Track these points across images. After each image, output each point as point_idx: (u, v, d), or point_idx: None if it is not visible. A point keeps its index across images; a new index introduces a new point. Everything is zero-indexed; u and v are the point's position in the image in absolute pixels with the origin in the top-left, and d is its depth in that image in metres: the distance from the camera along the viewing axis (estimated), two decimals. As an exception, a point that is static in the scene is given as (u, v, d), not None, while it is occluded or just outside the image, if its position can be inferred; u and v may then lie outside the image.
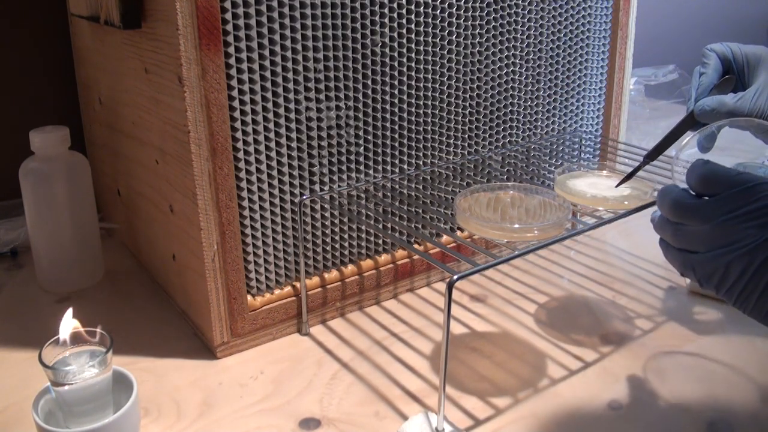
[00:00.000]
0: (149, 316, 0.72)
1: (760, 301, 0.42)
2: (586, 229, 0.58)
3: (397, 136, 0.71)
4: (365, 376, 0.62)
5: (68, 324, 0.51)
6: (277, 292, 0.67)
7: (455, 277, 0.48)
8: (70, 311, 0.52)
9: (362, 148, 0.69)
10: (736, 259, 0.42)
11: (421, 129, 0.73)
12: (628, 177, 0.65)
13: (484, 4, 0.73)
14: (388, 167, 0.72)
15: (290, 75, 0.61)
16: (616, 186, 0.64)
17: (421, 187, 0.74)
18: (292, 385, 0.61)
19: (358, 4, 0.63)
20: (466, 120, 0.77)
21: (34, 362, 0.50)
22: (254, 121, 0.61)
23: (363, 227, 0.72)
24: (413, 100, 0.71)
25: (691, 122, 0.64)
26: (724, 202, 0.43)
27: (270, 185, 0.64)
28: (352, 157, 0.68)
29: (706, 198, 0.45)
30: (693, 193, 0.46)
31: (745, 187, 0.42)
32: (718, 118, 0.62)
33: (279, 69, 0.60)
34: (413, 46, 0.68)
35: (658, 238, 0.49)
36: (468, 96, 0.76)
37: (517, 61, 0.79)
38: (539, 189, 0.64)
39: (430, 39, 0.70)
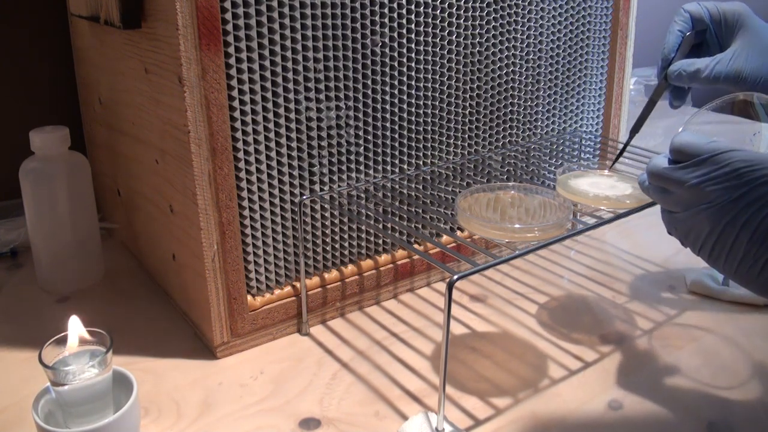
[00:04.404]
0: (149, 316, 0.72)
1: (729, 258, 0.45)
2: (586, 229, 0.58)
3: (397, 136, 0.71)
4: (365, 376, 0.62)
5: (75, 330, 0.51)
6: (277, 292, 0.67)
7: (455, 277, 0.48)
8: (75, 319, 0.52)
9: (362, 148, 0.69)
10: (705, 218, 0.45)
11: (421, 129, 0.73)
12: (619, 155, 0.67)
13: (484, 4, 0.73)
14: (388, 167, 0.72)
15: (290, 75, 0.61)
16: (610, 167, 0.67)
17: (421, 187, 0.74)
18: (292, 385, 0.61)
19: (358, 4, 0.63)
20: (466, 120, 0.77)
21: (34, 362, 0.50)
22: (254, 121, 0.61)
23: (363, 227, 0.72)
24: (413, 100, 0.71)
25: (665, 86, 0.65)
26: (695, 167, 0.46)
27: (270, 185, 0.64)
28: (352, 157, 0.68)
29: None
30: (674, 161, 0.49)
31: (714, 154, 0.45)
32: (695, 82, 0.62)
33: (279, 69, 0.60)
34: (413, 46, 0.68)
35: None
36: (468, 96, 0.76)
37: (517, 61, 0.79)
38: (539, 189, 0.64)
39: (430, 39, 0.70)
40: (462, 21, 0.72)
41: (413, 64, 0.69)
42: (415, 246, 0.77)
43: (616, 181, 0.67)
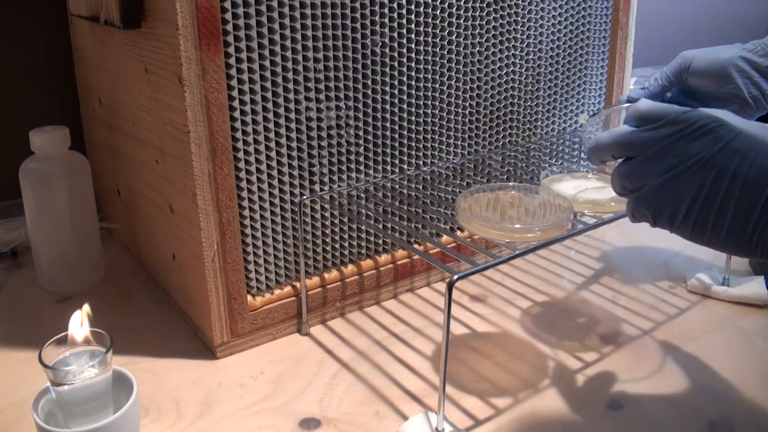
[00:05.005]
0: (149, 316, 0.72)
1: (717, 221, 0.42)
2: (586, 229, 0.58)
3: (397, 136, 0.71)
4: (365, 376, 0.62)
5: (78, 322, 0.51)
6: (277, 292, 0.67)
7: (455, 277, 0.48)
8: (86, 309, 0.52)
9: (362, 148, 0.69)
10: (687, 179, 0.42)
11: (421, 129, 0.73)
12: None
13: (484, 4, 0.73)
14: (388, 167, 0.72)
15: (290, 75, 0.61)
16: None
17: (421, 187, 0.74)
18: (292, 385, 0.61)
19: (358, 4, 0.63)
20: (466, 120, 0.77)
21: (34, 362, 0.50)
22: (254, 121, 0.61)
23: (363, 227, 0.72)
24: (413, 100, 0.71)
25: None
26: (669, 125, 0.43)
27: (270, 185, 0.64)
28: (352, 157, 0.68)
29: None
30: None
31: (686, 111, 0.43)
32: (657, 86, 0.69)
33: (279, 69, 0.60)
34: (413, 46, 0.68)
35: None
36: (468, 96, 0.76)
37: (517, 61, 0.79)
38: (539, 189, 0.64)
39: (430, 39, 0.70)
40: (462, 21, 0.72)
41: (413, 64, 0.69)
42: (415, 246, 0.77)
43: (600, 183, 0.67)
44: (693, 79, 0.66)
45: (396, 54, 0.68)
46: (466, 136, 0.77)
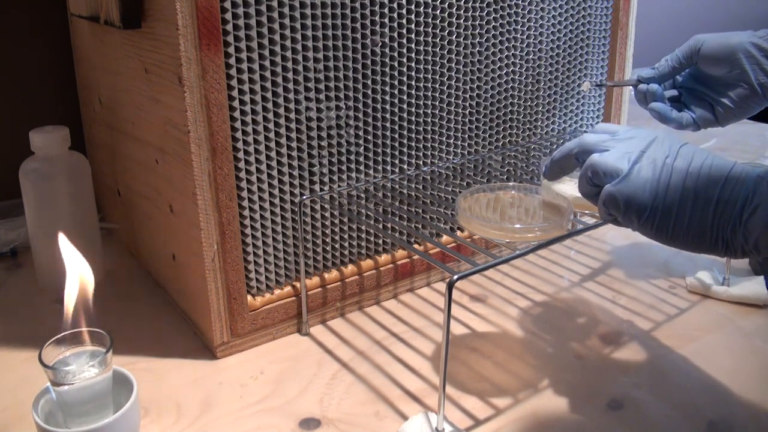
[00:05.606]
0: (149, 316, 0.72)
1: (678, 219, 0.45)
2: (585, 229, 0.58)
3: (397, 136, 0.71)
4: (365, 376, 0.62)
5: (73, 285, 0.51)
6: (277, 292, 0.67)
7: (455, 277, 0.48)
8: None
9: (362, 148, 0.69)
10: (648, 173, 0.46)
11: (421, 129, 0.73)
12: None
13: (484, 4, 0.73)
14: (388, 167, 0.72)
15: (290, 75, 0.61)
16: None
17: (421, 187, 0.74)
18: (292, 385, 0.61)
19: (358, 4, 0.63)
20: (466, 120, 0.77)
21: (34, 362, 0.50)
22: (254, 121, 0.61)
23: (363, 227, 0.72)
24: (413, 100, 0.71)
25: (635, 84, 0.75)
26: (624, 133, 0.49)
27: (270, 185, 0.64)
28: (352, 157, 0.68)
29: None
30: None
31: (638, 128, 0.49)
32: (666, 72, 0.71)
33: (279, 69, 0.60)
34: (413, 46, 0.68)
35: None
36: (468, 96, 0.76)
37: (517, 61, 0.79)
38: (539, 189, 0.64)
39: (430, 39, 0.70)
40: (462, 21, 0.72)
41: (413, 64, 0.69)
42: (415, 246, 0.77)
43: None
44: (702, 63, 0.66)
45: (396, 54, 0.68)
46: (466, 136, 0.77)
